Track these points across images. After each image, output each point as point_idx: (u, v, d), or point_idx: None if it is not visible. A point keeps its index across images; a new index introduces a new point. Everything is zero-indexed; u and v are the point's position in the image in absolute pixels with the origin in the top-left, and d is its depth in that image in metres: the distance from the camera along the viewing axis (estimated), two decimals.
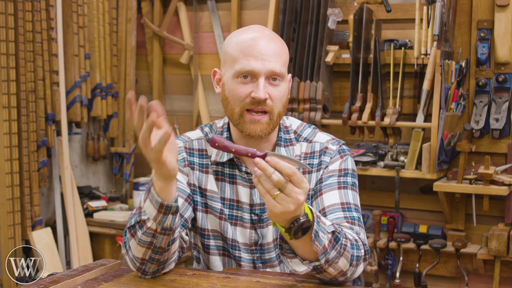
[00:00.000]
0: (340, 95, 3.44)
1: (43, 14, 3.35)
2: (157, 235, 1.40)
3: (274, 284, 1.44)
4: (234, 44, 1.56)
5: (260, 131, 1.54)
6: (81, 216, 3.61)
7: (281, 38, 1.62)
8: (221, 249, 1.68)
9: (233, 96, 1.55)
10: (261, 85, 1.51)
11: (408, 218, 3.38)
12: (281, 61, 1.54)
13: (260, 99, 1.51)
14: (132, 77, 4.00)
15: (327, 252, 1.36)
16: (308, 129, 1.69)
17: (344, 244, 1.40)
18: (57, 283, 1.45)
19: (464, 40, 3.18)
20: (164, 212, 1.38)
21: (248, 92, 1.52)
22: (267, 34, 1.56)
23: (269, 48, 1.52)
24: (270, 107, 1.53)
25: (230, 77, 1.55)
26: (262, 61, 1.51)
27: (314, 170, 1.63)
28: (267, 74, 1.52)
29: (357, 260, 1.44)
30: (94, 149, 3.92)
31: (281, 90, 1.55)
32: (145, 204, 1.40)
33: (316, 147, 1.65)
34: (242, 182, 1.64)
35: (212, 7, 3.86)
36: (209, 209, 1.67)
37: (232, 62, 1.54)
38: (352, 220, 1.53)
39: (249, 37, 1.54)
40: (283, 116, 1.70)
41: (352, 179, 1.62)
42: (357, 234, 1.50)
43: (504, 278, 3.13)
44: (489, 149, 3.15)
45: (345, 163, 1.63)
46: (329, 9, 3.23)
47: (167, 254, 1.46)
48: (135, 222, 1.43)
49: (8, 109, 3.18)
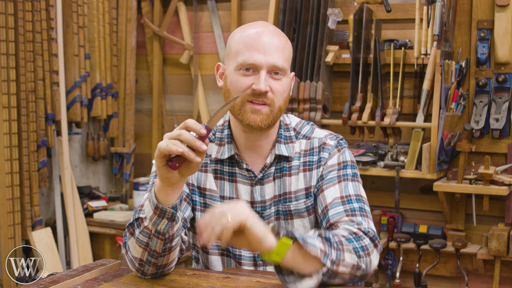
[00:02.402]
0: (340, 95, 3.44)
1: (43, 14, 3.35)
2: (152, 237, 1.40)
3: (274, 284, 1.44)
4: (238, 38, 1.57)
5: (260, 121, 1.54)
6: (81, 216, 3.61)
7: (285, 35, 1.63)
8: (220, 248, 1.68)
9: (234, 88, 1.55)
10: (263, 77, 1.52)
11: (408, 218, 3.38)
12: (283, 56, 1.55)
13: (261, 91, 1.51)
14: (132, 77, 4.01)
15: (327, 253, 1.35)
16: (306, 126, 1.70)
17: (338, 241, 1.39)
18: (57, 283, 1.45)
19: (464, 40, 3.18)
20: (158, 214, 1.37)
21: (249, 83, 1.53)
22: (270, 29, 1.58)
23: (272, 43, 1.54)
24: (270, 100, 1.54)
25: (233, 70, 1.56)
26: (264, 54, 1.52)
27: (314, 167, 1.64)
28: (269, 68, 1.53)
29: (363, 250, 1.42)
30: (94, 149, 3.92)
31: (283, 84, 1.56)
32: (145, 202, 1.41)
33: (315, 143, 1.66)
34: (242, 179, 1.64)
35: (212, 7, 3.86)
36: (209, 209, 1.66)
37: (235, 55, 1.56)
38: (352, 212, 1.52)
39: (253, 32, 1.56)
40: (284, 113, 1.70)
41: (352, 170, 1.62)
42: (357, 225, 1.49)
43: (504, 278, 3.13)
44: (489, 149, 3.15)
45: (343, 155, 1.63)
46: (329, 9, 3.23)
47: (164, 260, 1.45)
48: (134, 220, 1.44)
49: (8, 109, 3.18)
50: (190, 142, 1.28)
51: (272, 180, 1.64)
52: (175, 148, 1.28)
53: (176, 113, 4.06)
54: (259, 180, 1.63)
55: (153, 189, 1.38)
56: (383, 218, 3.30)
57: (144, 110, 4.18)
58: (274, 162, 1.64)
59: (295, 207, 1.63)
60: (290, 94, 1.62)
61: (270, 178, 1.64)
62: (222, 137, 1.66)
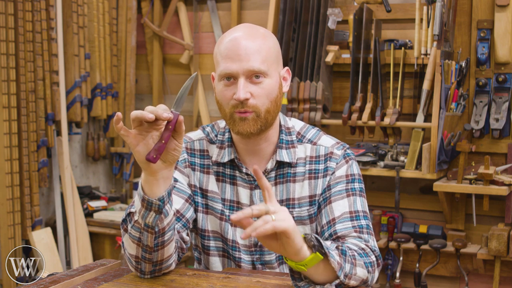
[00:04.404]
0: (340, 95, 3.44)
1: (43, 14, 3.35)
2: (143, 231, 1.40)
3: (274, 284, 1.44)
4: (217, 48, 1.58)
5: (248, 128, 1.53)
6: (81, 216, 3.61)
7: (269, 33, 1.60)
8: (220, 250, 1.68)
9: (221, 99, 1.56)
10: (241, 86, 1.51)
11: (408, 218, 3.38)
12: (260, 58, 1.52)
13: (240, 99, 1.51)
14: (132, 77, 4.01)
15: (342, 266, 1.36)
16: (312, 131, 1.69)
17: (351, 255, 1.41)
18: (57, 283, 1.45)
19: (464, 40, 3.19)
20: (145, 206, 1.38)
21: (232, 94, 1.53)
22: (249, 32, 1.56)
23: (247, 47, 1.52)
24: (253, 106, 1.52)
25: (217, 80, 1.57)
26: (239, 61, 1.51)
27: (320, 175, 1.63)
28: (246, 74, 1.52)
29: (371, 266, 1.46)
30: (94, 149, 3.92)
31: (265, 86, 1.54)
32: (135, 197, 1.42)
33: (321, 151, 1.64)
34: (242, 183, 1.64)
35: (212, 7, 3.87)
36: (210, 210, 1.67)
37: (216, 66, 1.57)
38: (360, 228, 1.54)
39: (229, 39, 1.55)
40: (286, 117, 1.69)
41: (359, 184, 1.63)
42: (365, 242, 1.52)
43: (504, 278, 3.13)
44: (489, 149, 3.15)
45: (350, 168, 1.63)
46: (329, 9, 3.23)
47: (158, 255, 1.44)
48: (126, 215, 1.45)
49: (8, 109, 3.18)
50: (154, 111, 1.32)
51: (274, 185, 1.63)
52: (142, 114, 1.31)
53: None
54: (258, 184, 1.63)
55: (140, 181, 1.39)
56: (383, 218, 3.30)
57: None
58: (275, 168, 1.64)
59: (297, 214, 1.63)
60: (281, 93, 1.60)
61: (271, 182, 1.63)
62: (223, 140, 1.66)
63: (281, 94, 1.60)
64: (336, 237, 1.54)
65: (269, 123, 1.57)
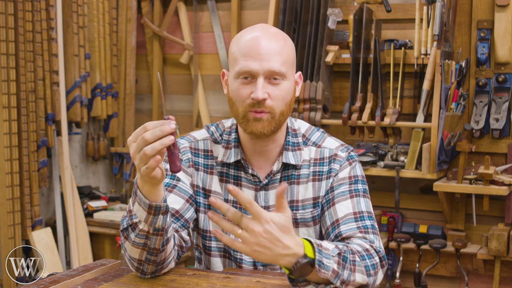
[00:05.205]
0: (340, 95, 3.44)
1: (43, 14, 3.35)
2: (150, 237, 1.40)
3: (274, 284, 1.44)
4: (236, 45, 1.56)
5: (262, 128, 1.53)
6: (81, 216, 3.61)
7: (287, 36, 1.59)
8: (222, 250, 1.68)
9: (236, 97, 1.55)
10: (259, 85, 1.50)
11: (408, 218, 3.38)
12: (280, 60, 1.52)
13: (258, 99, 1.50)
14: (132, 77, 4.01)
15: (338, 274, 1.35)
16: (316, 133, 1.68)
17: (352, 260, 1.40)
18: (57, 283, 1.45)
19: (464, 40, 3.19)
20: (154, 213, 1.37)
21: (249, 93, 1.52)
22: (268, 33, 1.55)
23: (269, 48, 1.51)
24: (269, 107, 1.52)
25: (233, 78, 1.55)
26: (260, 61, 1.50)
27: (324, 177, 1.63)
28: (266, 74, 1.51)
29: (373, 268, 1.45)
30: (94, 149, 3.92)
31: (282, 89, 1.54)
32: (134, 207, 1.39)
33: (325, 153, 1.65)
34: (247, 184, 1.64)
35: (212, 7, 3.87)
36: (212, 211, 1.66)
37: (234, 63, 1.55)
38: (365, 229, 1.54)
39: (249, 37, 1.54)
40: (292, 118, 1.69)
41: (363, 185, 1.63)
42: (370, 243, 1.51)
43: (504, 278, 3.13)
44: (489, 149, 3.15)
45: (354, 170, 1.64)
46: (329, 9, 3.23)
47: (163, 255, 1.45)
48: (128, 225, 1.42)
49: (8, 109, 3.18)
50: (158, 136, 1.28)
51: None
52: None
53: (176, 113, 4.06)
54: (264, 185, 1.63)
55: (140, 193, 1.37)
56: (383, 218, 3.30)
57: (144, 110, 4.18)
58: (280, 169, 1.63)
59: (301, 216, 1.63)
60: (294, 96, 1.60)
61: (276, 184, 1.63)
62: (229, 140, 1.65)
63: (294, 98, 1.60)
64: (342, 239, 1.54)
65: (280, 125, 1.57)
